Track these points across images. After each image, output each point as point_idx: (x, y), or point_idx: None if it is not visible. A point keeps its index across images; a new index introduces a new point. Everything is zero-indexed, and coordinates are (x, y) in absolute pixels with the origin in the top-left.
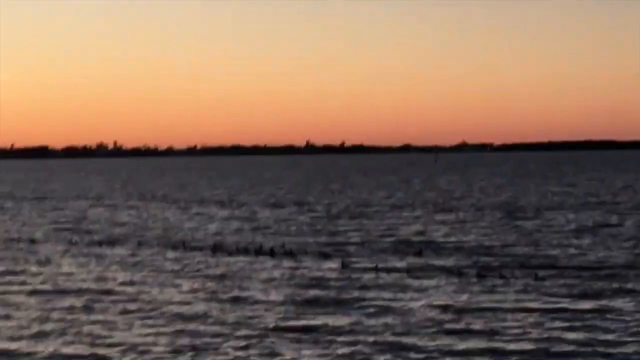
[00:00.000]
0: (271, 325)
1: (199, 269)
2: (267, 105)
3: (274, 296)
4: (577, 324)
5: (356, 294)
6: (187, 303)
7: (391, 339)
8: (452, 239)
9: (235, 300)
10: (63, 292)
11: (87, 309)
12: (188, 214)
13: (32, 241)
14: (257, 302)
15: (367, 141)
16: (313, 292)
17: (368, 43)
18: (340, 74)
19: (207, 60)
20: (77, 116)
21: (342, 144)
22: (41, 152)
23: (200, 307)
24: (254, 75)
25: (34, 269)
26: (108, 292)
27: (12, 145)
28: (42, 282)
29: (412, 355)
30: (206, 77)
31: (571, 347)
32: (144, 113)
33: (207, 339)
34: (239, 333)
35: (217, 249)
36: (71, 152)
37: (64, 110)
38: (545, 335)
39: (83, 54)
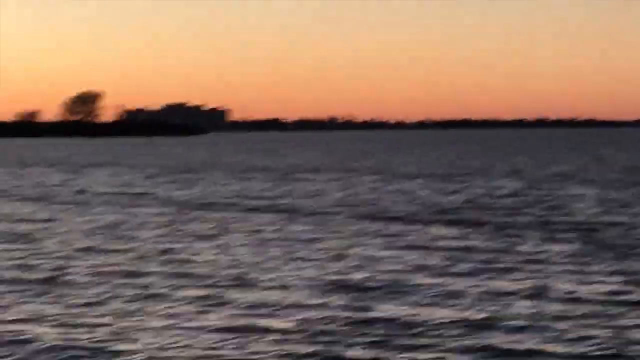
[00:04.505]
0: None
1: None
2: (496, 79)
3: None
4: None
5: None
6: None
7: None
8: None
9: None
10: None
11: None
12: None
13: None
14: None
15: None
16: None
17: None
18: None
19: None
20: (309, 90)
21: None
22: (273, 125)
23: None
24: (482, 50)
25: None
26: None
27: (245, 117)
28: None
29: None
30: (433, 51)
31: None
32: (375, 87)
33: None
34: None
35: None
36: (302, 125)
37: (296, 84)
38: None
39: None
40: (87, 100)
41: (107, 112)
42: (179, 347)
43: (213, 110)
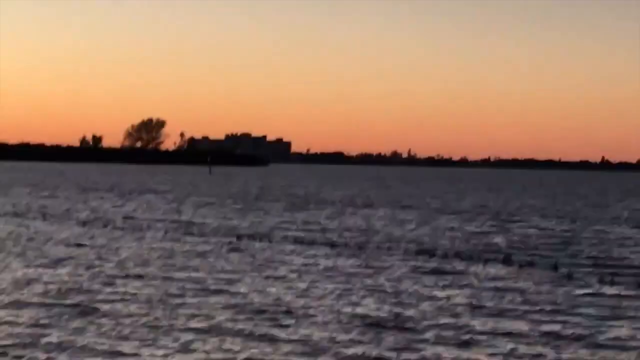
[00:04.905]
0: None
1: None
2: (562, 120)
3: None
4: None
5: None
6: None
7: None
8: None
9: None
10: None
11: None
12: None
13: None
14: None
15: None
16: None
17: None
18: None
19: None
20: (373, 124)
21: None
22: (336, 158)
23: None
24: (548, 90)
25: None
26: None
27: (308, 150)
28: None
29: None
30: (500, 89)
31: None
32: (439, 123)
33: None
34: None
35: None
36: (365, 159)
37: (359, 119)
38: None
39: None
40: (150, 128)
41: (170, 140)
42: None
43: (277, 141)
